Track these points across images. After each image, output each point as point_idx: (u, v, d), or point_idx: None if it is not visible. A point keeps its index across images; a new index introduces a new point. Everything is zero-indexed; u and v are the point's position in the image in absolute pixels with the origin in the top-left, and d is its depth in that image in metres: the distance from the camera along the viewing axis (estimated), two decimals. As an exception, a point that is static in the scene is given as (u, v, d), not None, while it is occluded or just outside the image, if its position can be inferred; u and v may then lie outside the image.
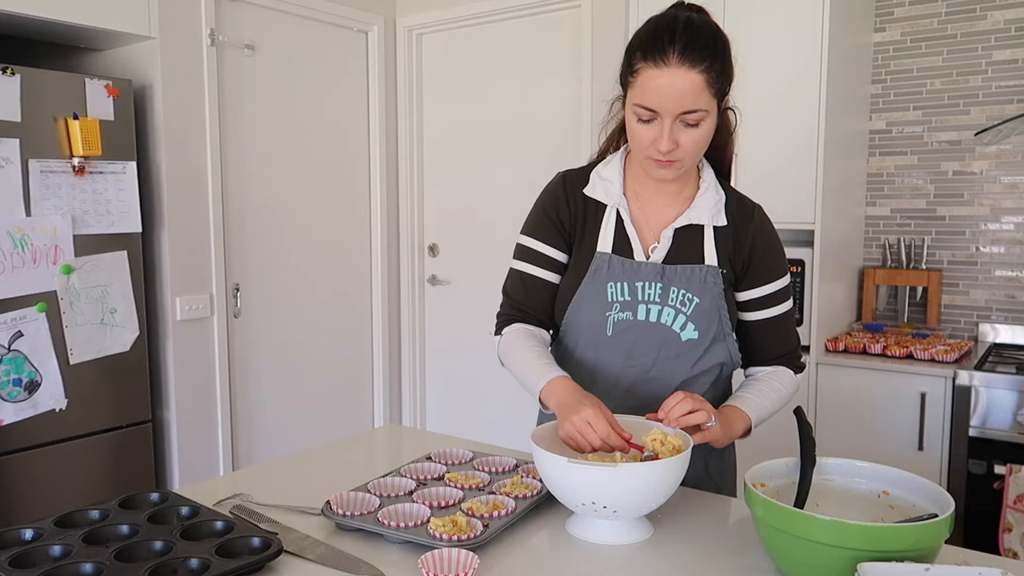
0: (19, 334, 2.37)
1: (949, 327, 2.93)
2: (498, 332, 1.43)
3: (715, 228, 1.35)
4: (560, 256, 1.40)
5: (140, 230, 2.67)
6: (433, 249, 3.77)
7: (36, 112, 2.38)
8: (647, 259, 1.34)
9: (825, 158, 2.59)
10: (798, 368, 1.44)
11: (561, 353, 1.43)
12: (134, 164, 2.64)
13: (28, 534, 1.12)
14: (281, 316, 3.29)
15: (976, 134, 2.74)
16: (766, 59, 2.65)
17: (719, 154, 1.39)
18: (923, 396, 2.45)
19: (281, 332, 3.30)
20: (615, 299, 1.34)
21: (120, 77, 2.65)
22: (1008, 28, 2.77)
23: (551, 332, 1.45)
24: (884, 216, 3.04)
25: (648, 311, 1.33)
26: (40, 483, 2.47)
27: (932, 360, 2.50)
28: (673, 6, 1.28)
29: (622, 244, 1.35)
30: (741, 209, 1.37)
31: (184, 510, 1.19)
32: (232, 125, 3.04)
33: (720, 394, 1.43)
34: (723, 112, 1.31)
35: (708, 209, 1.34)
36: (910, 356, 2.55)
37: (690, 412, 1.20)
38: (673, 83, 1.18)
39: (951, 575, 0.88)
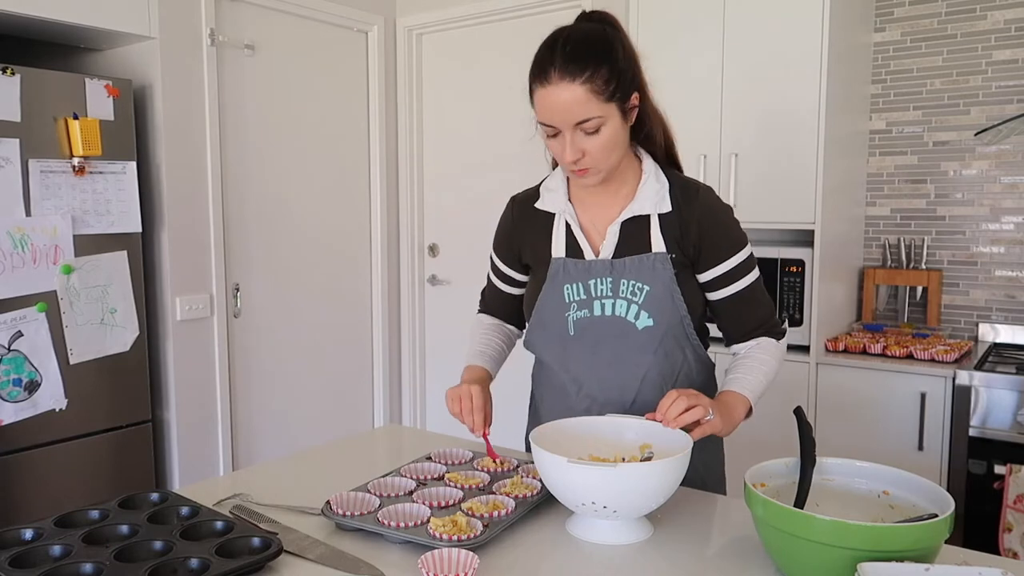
0: (19, 334, 2.37)
1: (949, 327, 2.93)
2: (478, 312, 1.66)
3: (660, 215, 1.37)
4: (513, 273, 1.54)
5: (140, 230, 2.67)
6: (433, 249, 3.77)
7: (36, 112, 2.38)
8: (597, 256, 1.39)
9: (825, 158, 2.59)
10: (779, 335, 1.45)
11: (534, 355, 1.52)
12: (134, 164, 2.64)
13: (28, 534, 1.12)
14: (281, 316, 3.29)
15: (976, 134, 2.74)
16: (766, 59, 2.65)
17: (651, 143, 1.42)
18: (923, 396, 2.45)
19: (281, 332, 3.30)
20: (572, 299, 1.39)
21: (120, 77, 2.65)
22: (1008, 28, 2.77)
23: (522, 328, 1.62)
24: (884, 216, 3.04)
25: (602, 306, 1.38)
26: (40, 483, 2.47)
27: (932, 360, 2.50)
28: (577, 19, 1.35)
29: (573, 247, 1.41)
30: (685, 193, 1.39)
31: (184, 510, 1.19)
32: (232, 125, 3.04)
33: (690, 378, 1.44)
34: (643, 103, 1.34)
35: (650, 198, 1.37)
36: (910, 356, 2.55)
37: (687, 410, 1.21)
38: (558, 98, 1.24)
39: (951, 575, 0.88)
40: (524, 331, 1.56)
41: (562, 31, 1.30)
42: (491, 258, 1.60)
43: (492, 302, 1.62)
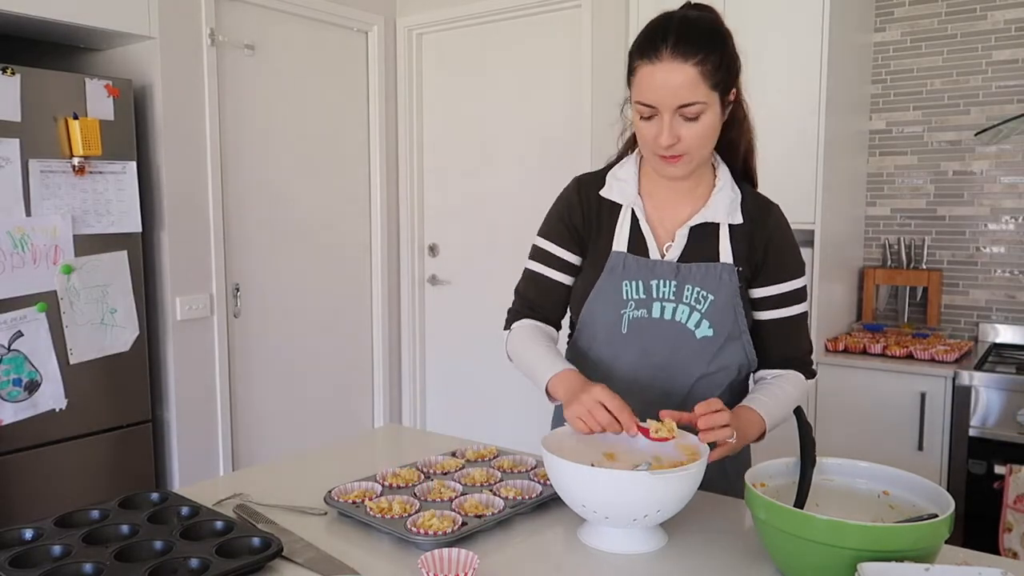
0: (19, 334, 2.37)
1: (949, 327, 2.93)
2: (507, 327, 1.46)
3: (731, 226, 1.34)
4: (572, 259, 1.43)
5: (140, 230, 2.67)
6: (433, 249, 3.77)
7: (36, 112, 2.38)
8: (662, 257, 1.35)
9: (825, 158, 2.59)
10: (810, 374, 1.41)
11: (577, 351, 1.45)
12: (134, 164, 2.64)
13: (28, 534, 1.12)
14: (281, 316, 3.29)
15: (976, 134, 2.74)
16: (766, 59, 2.65)
17: (733, 151, 1.38)
18: (923, 396, 2.45)
19: (281, 332, 3.29)
20: (630, 297, 1.34)
21: (120, 77, 2.65)
22: (1008, 28, 2.77)
23: (561, 330, 1.48)
24: (884, 216, 3.04)
25: (663, 309, 1.34)
26: (40, 483, 2.47)
27: (932, 360, 2.49)
28: (681, 7, 1.30)
29: (637, 243, 1.36)
30: (758, 207, 1.37)
31: (184, 510, 1.19)
32: (232, 125, 3.03)
33: (735, 395, 1.40)
34: (733, 106, 1.32)
35: (723, 207, 1.34)
36: (910, 356, 2.55)
37: (723, 426, 1.18)
38: (667, 77, 1.20)
39: (951, 575, 0.88)
40: (572, 328, 1.46)
41: (673, 13, 1.26)
42: (539, 248, 1.45)
43: (539, 299, 1.45)
